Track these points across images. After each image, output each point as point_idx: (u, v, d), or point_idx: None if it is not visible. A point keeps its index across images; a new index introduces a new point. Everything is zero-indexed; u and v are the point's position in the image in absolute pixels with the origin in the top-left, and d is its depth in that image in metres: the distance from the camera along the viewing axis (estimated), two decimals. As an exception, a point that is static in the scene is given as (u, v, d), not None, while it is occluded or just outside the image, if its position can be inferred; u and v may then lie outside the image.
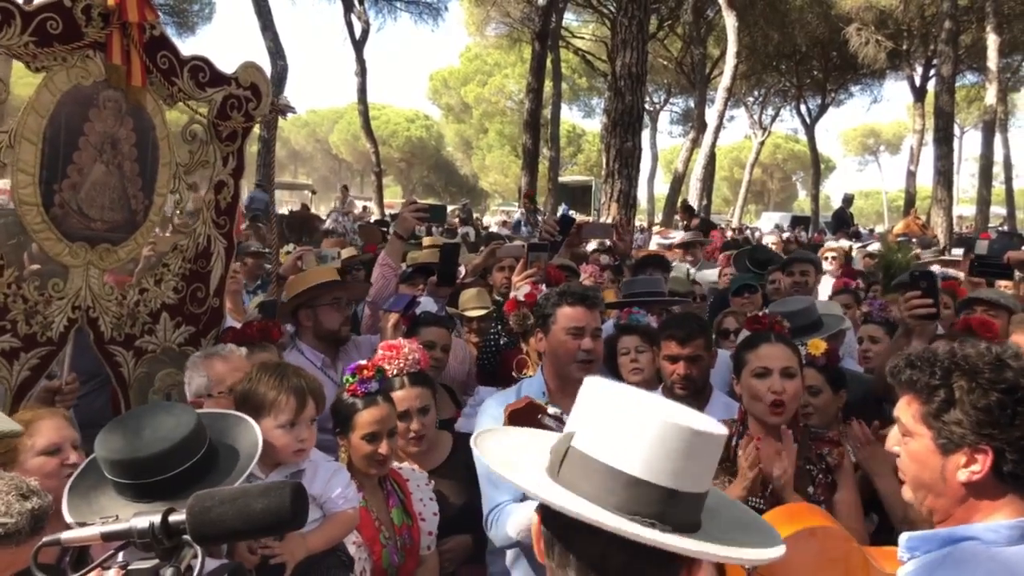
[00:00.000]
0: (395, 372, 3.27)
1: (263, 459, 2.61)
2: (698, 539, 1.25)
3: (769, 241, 12.39)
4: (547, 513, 1.30)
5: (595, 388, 1.34)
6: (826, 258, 8.32)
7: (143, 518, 1.32)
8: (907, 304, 3.51)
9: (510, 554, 3.04)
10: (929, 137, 24.08)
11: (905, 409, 1.76)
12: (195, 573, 1.27)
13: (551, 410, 2.39)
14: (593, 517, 1.20)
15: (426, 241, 7.93)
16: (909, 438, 1.75)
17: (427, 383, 3.39)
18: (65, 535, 1.36)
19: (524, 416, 2.45)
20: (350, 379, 2.93)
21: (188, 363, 3.22)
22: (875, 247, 11.79)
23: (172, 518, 1.31)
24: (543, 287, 4.25)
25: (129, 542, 1.33)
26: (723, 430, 1.29)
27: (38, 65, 2.99)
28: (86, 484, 2.18)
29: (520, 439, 1.52)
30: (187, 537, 1.30)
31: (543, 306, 3.28)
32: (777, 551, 1.30)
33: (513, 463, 1.38)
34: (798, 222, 28.59)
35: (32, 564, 1.31)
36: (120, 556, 1.35)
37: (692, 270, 7.59)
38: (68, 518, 2.01)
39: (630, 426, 1.25)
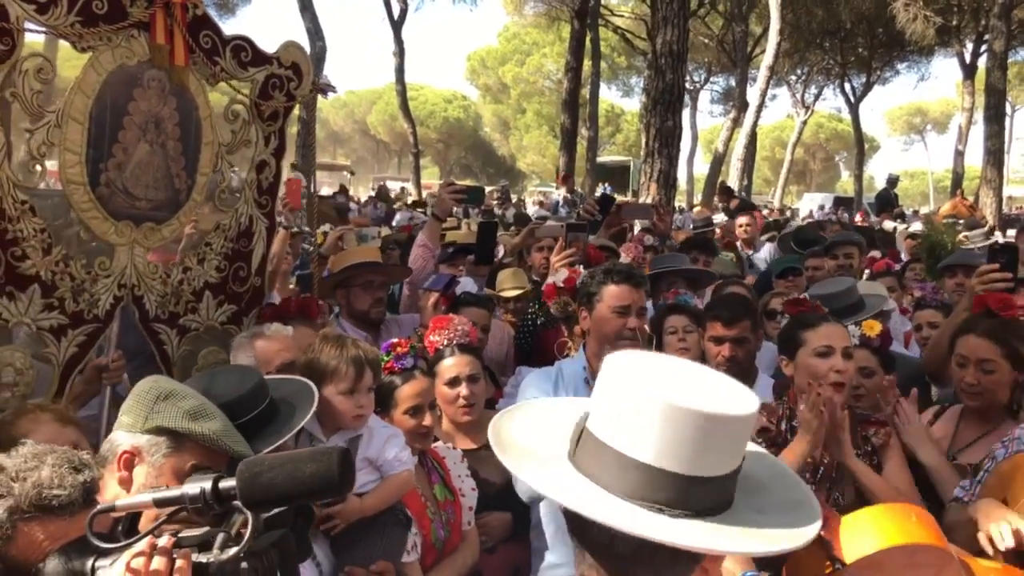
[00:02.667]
0: (445, 343, 3.31)
1: (325, 423, 2.78)
2: (718, 523, 1.21)
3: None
4: None
5: (613, 365, 1.30)
6: None
7: (194, 484, 1.34)
8: (983, 278, 3.41)
9: (550, 532, 3.04)
10: (978, 115, 23.44)
11: None
12: (245, 539, 1.28)
13: None
14: (589, 513, 1.18)
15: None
16: None
17: (475, 353, 3.42)
18: (120, 502, 1.38)
19: None
20: (385, 357, 2.98)
21: (234, 344, 3.26)
22: (917, 227, 11.52)
23: (223, 484, 1.33)
24: (582, 270, 4.22)
25: (181, 507, 1.34)
26: (747, 410, 1.23)
27: (84, 45, 3.01)
28: None
29: (546, 413, 1.47)
30: (237, 503, 1.31)
31: (588, 284, 3.26)
32: (795, 541, 1.23)
33: (531, 446, 1.35)
34: (841, 203, 28.07)
35: (88, 531, 1.33)
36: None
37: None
38: None
39: (640, 410, 1.21)
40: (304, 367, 2.82)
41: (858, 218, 18.24)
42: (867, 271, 6.69)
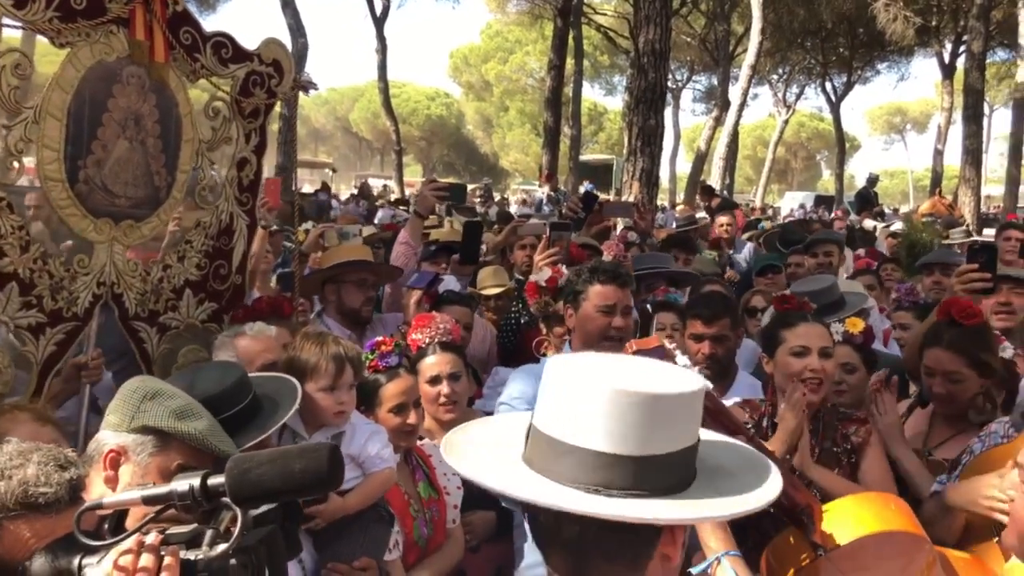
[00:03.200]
0: (427, 341, 3.32)
1: (308, 420, 2.80)
2: (677, 499, 1.23)
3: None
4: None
5: (556, 366, 1.32)
6: None
7: (183, 481, 1.33)
8: (962, 278, 3.43)
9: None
10: (957, 115, 23.71)
11: None
12: (234, 536, 1.27)
13: (680, 359, 2.13)
14: (530, 496, 1.20)
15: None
16: None
17: (457, 351, 3.42)
18: (107, 499, 1.37)
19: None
20: (369, 356, 2.98)
21: (216, 343, 3.24)
22: (898, 226, 11.62)
23: (211, 481, 1.32)
24: (564, 270, 4.23)
25: (169, 505, 1.34)
26: (691, 387, 1.26)
27: (62, 41, 2.98)
28: None
29: (501, 426, 1.49)
30: (226, 499, 1.31)
31: (574, 282, 3.27)
32: (746, 505, 1.25)
33: (483, 451, 1.36)
34: (821, 202, 28.27)
35: (75, 528, 1.31)
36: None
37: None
38: None
39: (586, 399, 1.23)
40: (285, 364, 2.83)
41: (834, 216, 18.32)
42: (853, 268, 6.75)
